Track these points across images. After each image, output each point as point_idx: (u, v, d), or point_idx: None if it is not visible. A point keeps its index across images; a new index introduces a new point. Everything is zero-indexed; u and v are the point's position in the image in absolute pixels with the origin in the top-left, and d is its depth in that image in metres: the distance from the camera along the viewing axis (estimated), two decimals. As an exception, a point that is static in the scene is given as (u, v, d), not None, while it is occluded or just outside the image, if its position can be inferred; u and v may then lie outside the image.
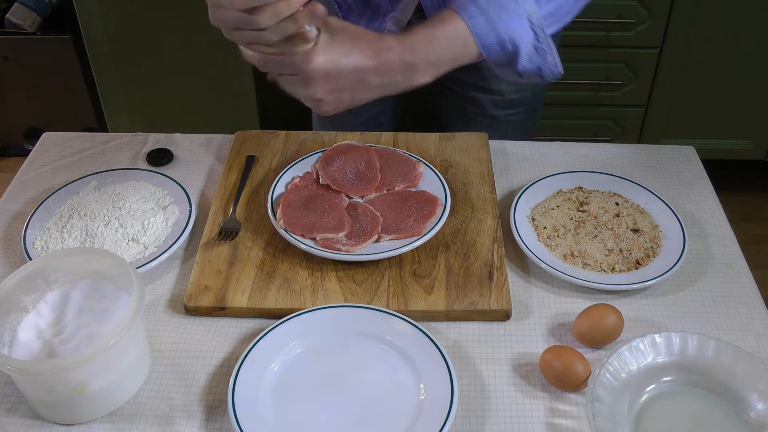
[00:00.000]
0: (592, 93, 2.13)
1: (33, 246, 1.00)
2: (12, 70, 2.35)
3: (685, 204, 1.09)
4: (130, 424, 0.82)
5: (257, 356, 0.85)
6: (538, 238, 1.01)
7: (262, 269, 0.97)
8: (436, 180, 1.07)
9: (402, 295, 0.93)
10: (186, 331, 0.91)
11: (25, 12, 2.25)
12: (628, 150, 1.20)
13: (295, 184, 1.07)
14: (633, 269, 0.97)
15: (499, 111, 1.28)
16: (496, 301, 0.92)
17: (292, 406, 0.82)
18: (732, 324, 0.92)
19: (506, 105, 1.27)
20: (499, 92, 1.26)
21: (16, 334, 0.83)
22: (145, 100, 2.21)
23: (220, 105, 2.21)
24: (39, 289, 0.86)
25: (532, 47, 0.90)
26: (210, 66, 2.12)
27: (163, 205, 1.06)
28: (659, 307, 0.94)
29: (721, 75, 2.10)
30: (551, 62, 0.92)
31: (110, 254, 0.86)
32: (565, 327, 0.91)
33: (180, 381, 0.86)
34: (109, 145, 1.21)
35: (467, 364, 0.87)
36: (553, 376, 0.84)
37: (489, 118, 1.29)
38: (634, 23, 1.98)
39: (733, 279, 0.97)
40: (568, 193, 1.08)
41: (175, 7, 2.02)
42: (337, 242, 0.97)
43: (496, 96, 1.26)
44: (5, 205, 1.10)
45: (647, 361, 0.84)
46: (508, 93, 1.26)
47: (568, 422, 0.81)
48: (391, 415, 0.81)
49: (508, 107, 1.28)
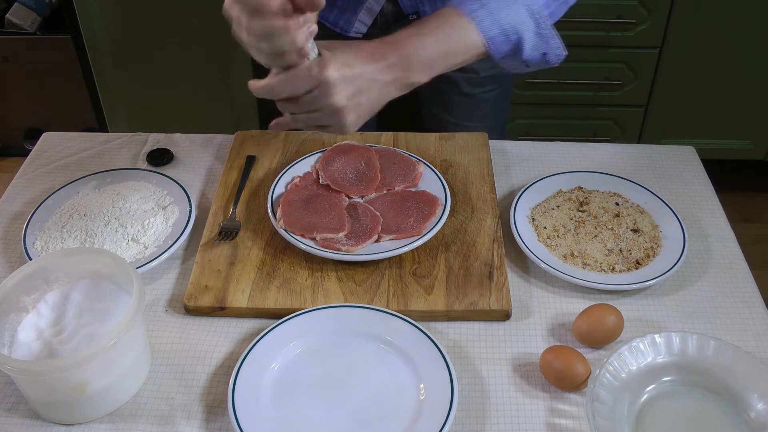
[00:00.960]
0: (592, 93, 2.13)
1: (33, 246, 1.00)
2: (12, 70, 2.35)
3: (685, 204, 1.09)
4: (130, 424, 0.82)
5: (257, 356, 0.85)
6: (538, 238, 1.01)
7: (262, 269, 0.97)
8: (436, 180, 1.07)
9: (402, 295, 0.93)
10: (186, 331, 0.91)
11: (25, 12, 2.25)
12: (628, 150, 1.20)
13: (295, 184, 1.07)
14: (633, 269, 0.97)
15: (474, 89, 1.31)
16: (496, 301, 0.92)
17: (292, 406, 0.82)
18: (732, 324, 0.92)
19: (481, 83, 1.31)
20: (473, 70, 1.29)
21: (16, 334, 0.83)
22: (145, 100, 2.21)
23: (220, 105, 2.21)
24: (39, 289, 0.86)
25: (535, 34, 0.91)
26: (210, 66, 2.12)
27: (163, 205, 1.06)
28: (659, 307, 0.94)
29: (721, 75, 2.10)
30: (555, 46, 0.93)
31: (110, 254, 0.86)
32: (565, 327, 0.91)
33: (180, 381, 0.86)
34: (109, 145, 1.21)
35: (467, 364, 0.87)
36: (553, 376, 0.84)
37: (465, 96, 1.32)
38: (634, 23, 1.98)
39: (733, 279, 0.97)
40: (568, 193, 1.08)
41: (175, 7, 2.02)
42: (337, 242, 0.97)
43: (470, 74, 1.29)
44: (5, 205, 1.10)
45: (647, 361, 0.84)
46: (482, 71, 1.29)
47: (568, 422, 0.81)
48: (391, 415, 0.81)
49: (483, 84, 1.31)
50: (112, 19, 2.05)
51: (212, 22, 2.03)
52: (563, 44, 0.94)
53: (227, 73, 2.14)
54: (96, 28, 2.06)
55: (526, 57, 0.94)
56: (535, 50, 0.93)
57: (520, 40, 0.91)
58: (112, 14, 2.05)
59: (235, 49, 0.91)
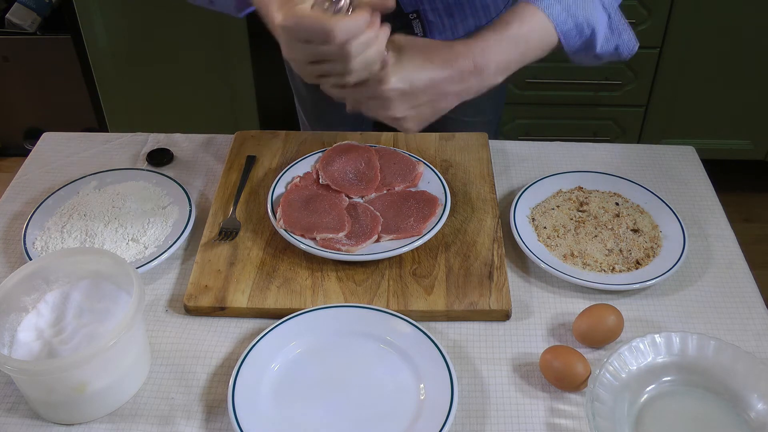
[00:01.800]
0: (592, 93, 2.13)
1: (33, 246, 1.00)
2: (12, 70, 2.35)
3: (685, 204, 1.09)
4: (130, 424, 0.82)
5: (257, 356, 0.85)
6: (538, 238, 1.01)
7: (262, 269, 0.97)
8: (436, 180, 1.07)
9: (402, 295, 0.93)
10: (186, 331, 0.91)
11: (25, 12, 2.25)
12: (628, 150, 1.20)
13: (295, 184, 1.07)
14: (633, 269, 0.97)
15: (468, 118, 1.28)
16: (496, 301, 0.92)
17: (292, 406, 0.82)
18: (732, 324, 0.92)
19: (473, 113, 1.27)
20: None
21: (16, 334, 0.83)
22: (145, 100, 2.21)
23: (220, 105, 2.21)
24: (39, 289, 0.86)
25: (608, 28, 0.91)
26: (210, 66, 2.12)
27: (163, 205, 1.06)
28: (659, 307, 0.94)
29: (721, 75, 2.10)
30: (626, 39, 0.92)
31: (110, 254, 0.86)
32: (565, 327, 0.91)
33: (180, 381, 0.86)
34: (109, 145, 1.21)
35: (467, 364, 0.87)
36: (553, 376, 0.84)
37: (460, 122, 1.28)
38: (634, 23, 1.98)
39: (733, 279, 0.97)
40: (568, 193, 1.08)
41: (176, 7, 2.02)
42: (337, 242, 0.97)
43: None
44: (5, 205, 1.10)
45: (647, 361, 0.84)
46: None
47: (568, 422, 0.81)
48: (391, 415, 0.81)
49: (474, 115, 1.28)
50: (112, 19, 2.06)
51: (212, 22, 2.03)
52: (636, 36, 0.92)
53: (227, 73, 2.14)
54: (96, 28, 2.06)
55: (599, 51, 0.92)
56: (607, 43, 0.92)
57: (593, 33, 0.90)
58: (112, 14, 2.05)
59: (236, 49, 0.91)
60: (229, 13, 1.02)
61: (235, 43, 2.06)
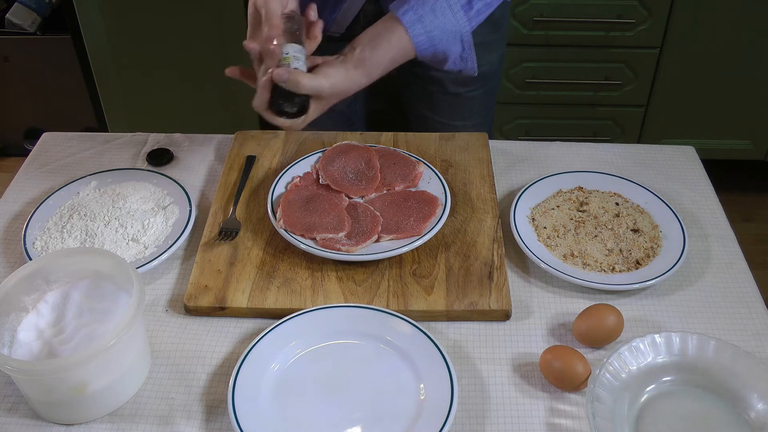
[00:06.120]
0: (592, 93, 2.13)
1: (33, 246, 1.00)
2: (12, 70, 2.35)
3: (685, 204, 1.09)
4: (130, 424, 0.82)
5: (257, 356, 0.85)
6: (538, 238, 1.01)
7: (262, 269, 0.97)
8: (436, 180, 1.07)
9: (402, 295, 0.93)
10: (186, 331, 0.91)
11: (25, 12, 2.25)
12: (628, 150, 1.20)
13: (295, 184, 1.07)
14: (633, 269, 0.97)
15: (460, 88, 1.33)
16: (496, 301, 0.92)
17: (292, 406, 0.82)
18: (732, 324, 0.92)
19: (466, 81, 1.32)
20: None
21: (16, 334, 0.83)
22: (145, 100, 2.21)
23: (220, 105, 2.21)
24: (39, 289, 0.86)
25: (459, 56, 1.02)
26: (210, 66, 2.12)
27: (163, 205, 1.06)
28: (659, 307, 0.94)
29: (721, 75, 2.10)
30: (470, 67, 1.04)
31: (110, 254, 0.87)
32: (565, 327, 0.91)
33: (180, 381, 0.86)
34: (109, 145, 1.21)
35: (467, 364, 0.87)
36: (553, 376, 0.84)
37: (451, 95, 1.34)
38: (634, 23, 1.98)
39: (733, 279, 0.97)
40: (568, 193, 1.08)
41: (176, 7, 2.02)
42: (337, 242, 0.97)
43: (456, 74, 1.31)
44: (5, 205, 1.10)
45: (647, 361, 0.84)
46: None
47: (568, 422, 0.81)
48: (391, 415, 0.81)
49: (469, 83, 1.33)
50: (112, 19, 2.05)
51: (212, 21, 2.03)
52: (476, 65, 1.04)
53: (227, 73, 2.14)
54: (96, 28, 2.06)
55: (446, 69, 1.03)
56: (454, 65, 1.03)
57: (445, 59, 1.01)
58: (112, 14, 2.05)
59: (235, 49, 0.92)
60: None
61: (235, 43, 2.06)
